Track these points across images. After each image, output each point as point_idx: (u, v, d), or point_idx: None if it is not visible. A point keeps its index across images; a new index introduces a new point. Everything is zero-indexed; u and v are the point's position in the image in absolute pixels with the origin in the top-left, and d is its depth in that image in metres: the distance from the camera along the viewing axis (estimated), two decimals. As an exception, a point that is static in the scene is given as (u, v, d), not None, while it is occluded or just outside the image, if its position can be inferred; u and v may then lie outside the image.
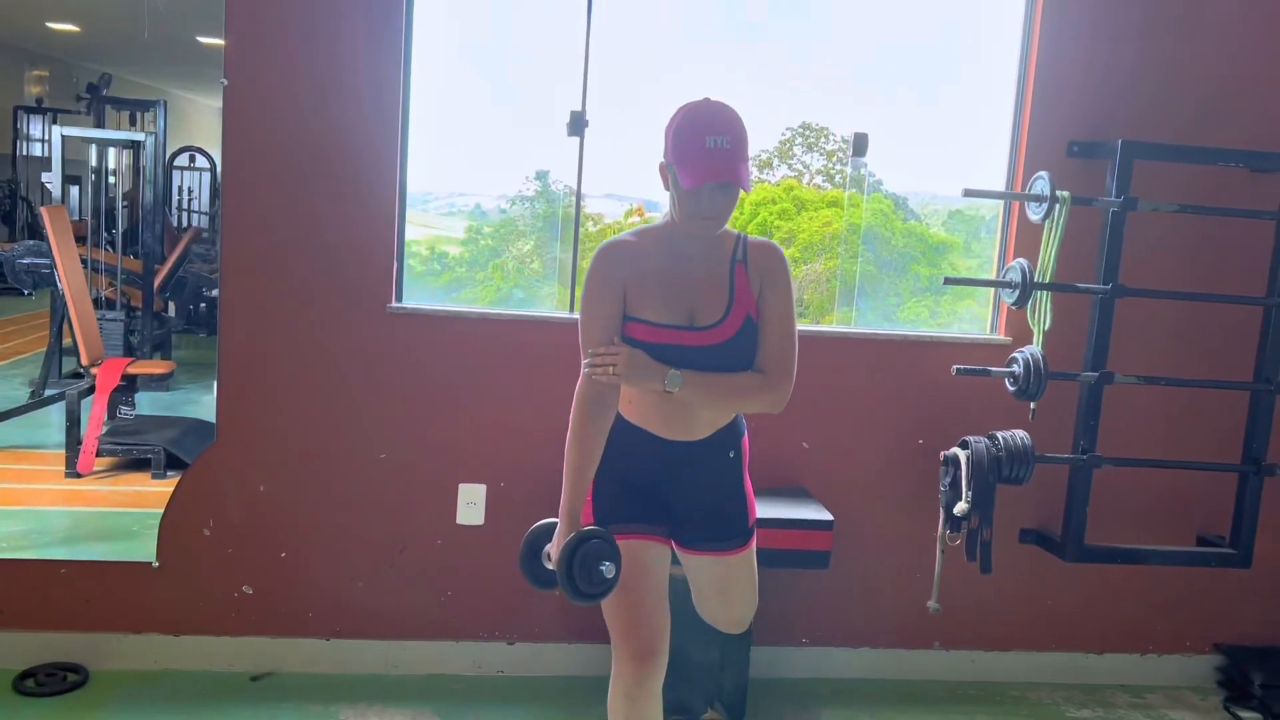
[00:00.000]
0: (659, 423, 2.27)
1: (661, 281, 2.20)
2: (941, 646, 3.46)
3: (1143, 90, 3.28)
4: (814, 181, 4.20)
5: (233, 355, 3.09)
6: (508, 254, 3.91)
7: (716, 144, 2.06)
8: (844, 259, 3.77)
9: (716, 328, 2.20)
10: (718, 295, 2.21)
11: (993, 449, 3.11)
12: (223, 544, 3.13)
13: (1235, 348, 3.33)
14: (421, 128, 3.15)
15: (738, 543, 2.42)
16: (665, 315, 2.19)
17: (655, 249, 2.22)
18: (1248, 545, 3.30)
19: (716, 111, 2.12)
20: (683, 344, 2.18)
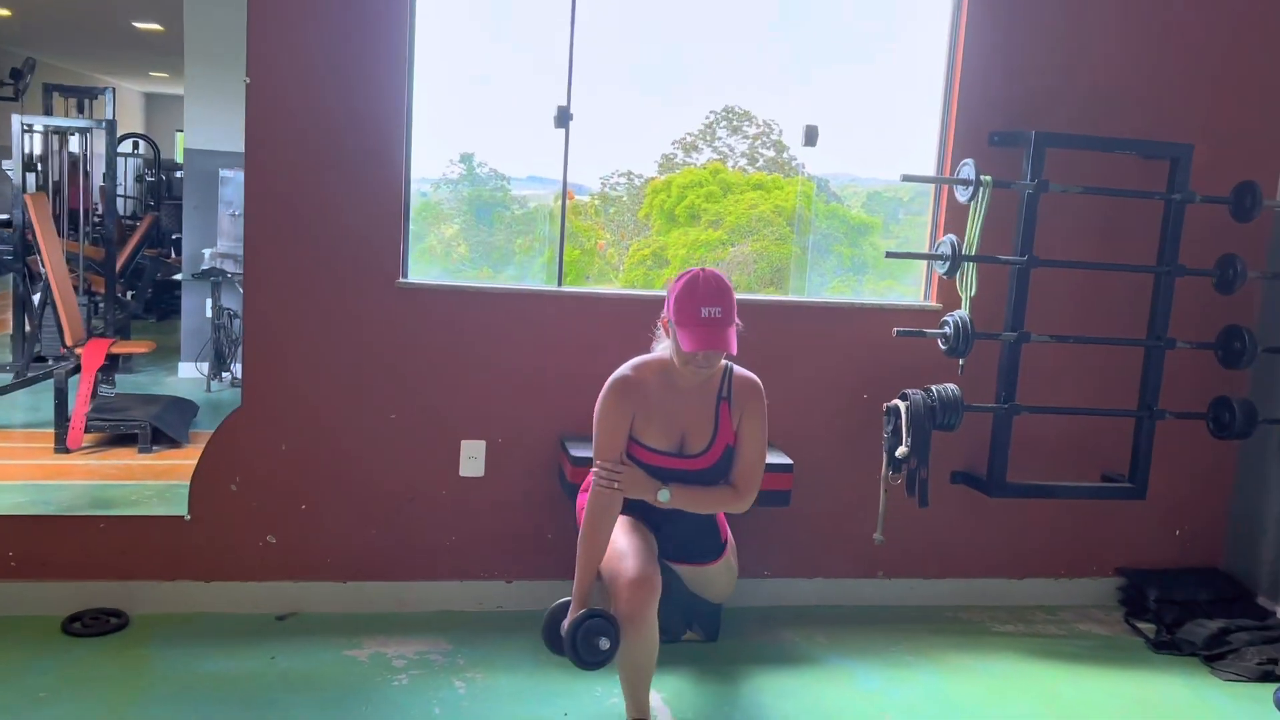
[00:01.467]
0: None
1: (660, 413, 2.78)
2: (885, 575, 3.94)
3: (1054, 87, 3.77)
4: (738, 164, 4.43)
5: (256, 327, 3.41)
6: (432, 237, 3.96)
7: (710, 314, 2.60)
8: (771, 241, 4.14)
9: (702, 456, 2.83)
10: (705, 427, 2.81)
11: (928, 400, 3.58)
12: (248, 498, 3.46)
13: (1132, 310, 3.85)
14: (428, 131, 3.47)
15: (712, 558, 3.09)
16: (661, 443, 2.80)
17: (657, 383, 2.79)
18: (1143, 480, 3.83)
19: (710, 284, 2.65)
20: (674, 467, 2.81)
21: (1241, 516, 4.10)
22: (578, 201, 4.19)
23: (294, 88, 3.31)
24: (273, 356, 3.43)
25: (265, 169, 3.34)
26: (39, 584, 3.35)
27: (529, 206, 3.98)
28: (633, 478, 2.77)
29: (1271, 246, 3.98)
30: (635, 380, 2.78)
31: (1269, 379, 3.96)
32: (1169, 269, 3.72)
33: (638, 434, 2.80)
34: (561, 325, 3.57)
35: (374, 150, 3.38)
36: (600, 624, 2.65)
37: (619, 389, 2.77)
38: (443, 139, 3.77)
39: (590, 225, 4.63)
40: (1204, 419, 3.86)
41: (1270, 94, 3.94)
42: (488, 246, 3.95)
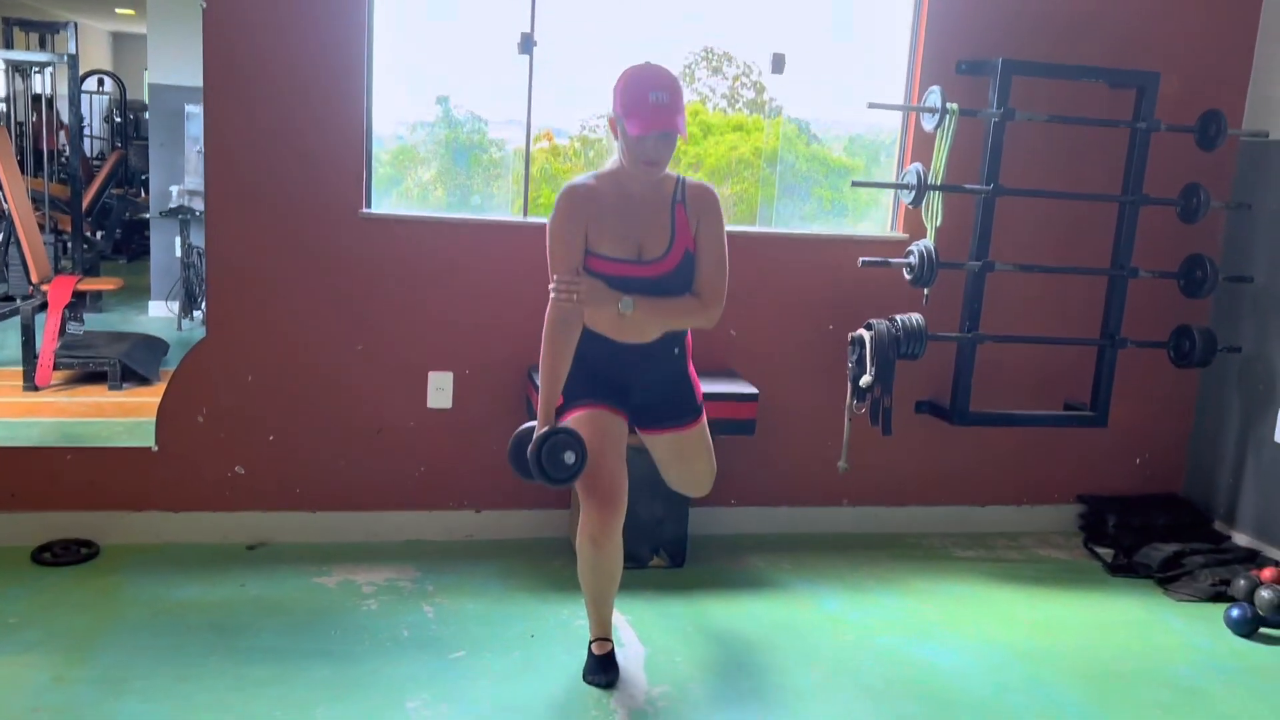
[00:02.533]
0: (615, 331, 2.71)
1: (615, 220, 2.63)
2: (849, 503, 4.00)
3: (1022, 13, 3.75)
4: (719, 105, 4.40)
5: (220, 258, 3.39)
6: (409, 181, 3.94)
7: (658, 99, 2.49)
8: (751, 183, 4.13)
9: (660, 261, 2.66)
10: (661, 233, 2.65)
11: (892, 329, 3.61)
12: (215, 430, 3.47)
13: (1096, 239, 3.88)
14: (390, 56, 3.42)
15: (689, 419, 2.89)
16: (618, 250, 2.63)
17: (609, 191, 2.64)
18: (1104, 408, 3.89)
19: (657, 72, 2.55)
20: (632, 275, 2.64)
21: (1201, 444, 4.17)
22: (558, 144, 4.17)
23: (252, 14, 3.26)
24: (237, 288, 3.41)
25: (224, 99, 3.30)
26: (7, 515, 3.36)
27: (507, 150, 3.92)
28: (592, 288, 2.61)
29: (1236, 176, 4.00)
30: (587, 188, 2.64)
31: (1230, 308, 4.01)
32: (1133, 199, 3.74)
33: (593, 244, 2.64)
34: (527, 256, 3.56)
35: (335, 79, 3.34)
36: (565, 439, 2.62)
37: (570, 197, 2.63)
38: (412, 77, 3.72)
39: (570, 168, 4.60)
40: (1165, 348, 3.91)
41: (1236, 23, 3.93)
42: (465, 190, 3.92)
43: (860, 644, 3.13)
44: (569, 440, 2.62)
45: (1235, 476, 3.99)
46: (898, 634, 3.22)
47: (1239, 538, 3.96)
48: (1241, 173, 3.99)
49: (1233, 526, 4.01)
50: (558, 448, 2.61)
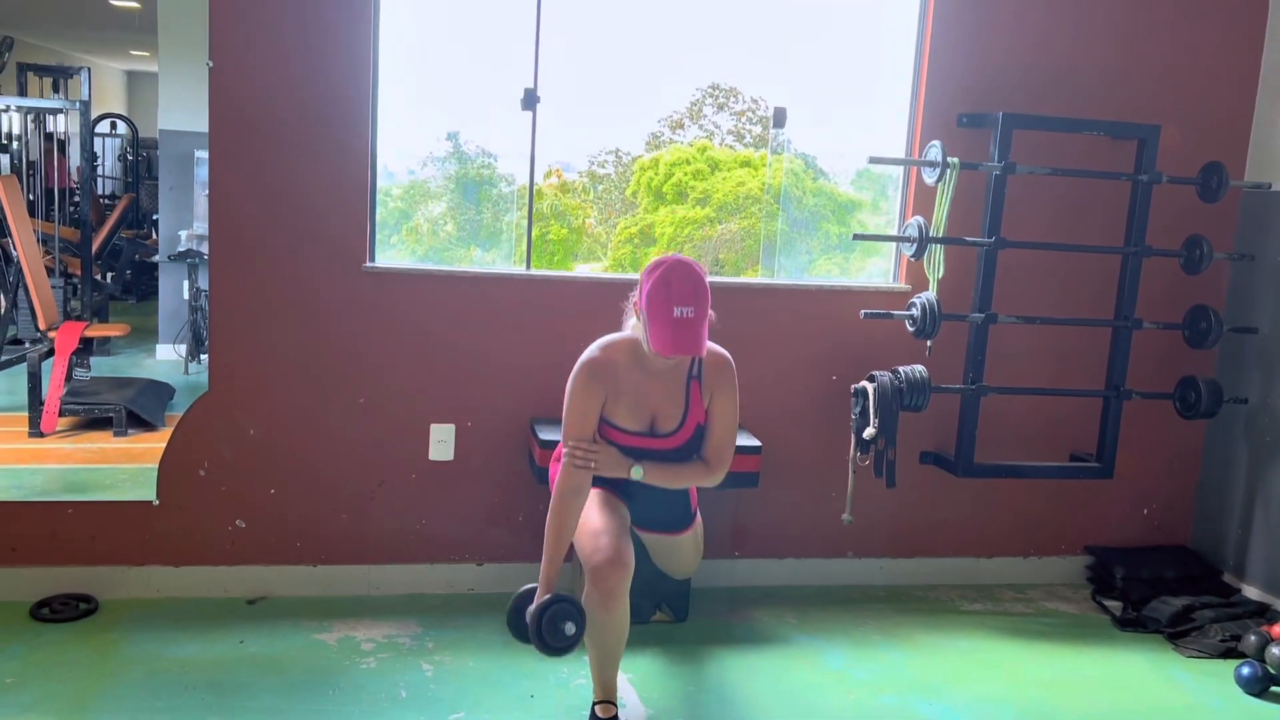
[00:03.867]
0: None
1: (630, 394, 2.74)
2: (854, 555, 3.96)
3: (1022, 68, 3.76)
4: (725, 141, 4.42)
5: (223, 312, 3.40)
6: (419, 217, 3.98)
7: (682, 314, 2.54)
8: (757, 218, 4.14)
9: (673, 435, 2.80)
10: (675, 408, 2.78)
11: (895, 381, 3.60)
12: (217, 483, 3.46)
13: (1100, 290, 3.87)
14: (395, 112, 3.46)
15: (683, 526, 3.05)
16: (631, 423, 2.76)
17: (626, 364, 2.74)
18: (1110, 460, 3.86)
19: (684, 282, 2.58)
20: (645, 446, 2.79)
21: (1209, 495, 4.13)
22: (567, 180, 4.20)
23: (258, 73, 3.29)
24: (240, 341, 3.42)
25: (230, 154, 3.33)
26: (7, 570, 3.35)
27: (516, 184, 3.95)
28: (607, 457, 2.74)
29: (1239, 227, 4.00)
30: (605, 361, 2.74)
31: (1235, 358, 3.99)
32: (1136, 250, 3.73)
33: (608, 415, 2.76)
34: (530, 308, 3.57)
35: (339, 135, 3.37)
36: (566, 609, 2.63)
37: (589, 371, 2.72)
38: (423, 113, 3.76)
39: (579, 204, 4.61)
40: (1171, 399, 3.89)
41: (1237, 75, 3.94)
42: (475, 224, 3.94)
43: (864, 703, 3.10)
44: (569, 610, 2.64)
45: (1244, 528, 3.95)
46: (902, 692, 3.18)
47: (1249, 591, 3.91)
48: (1244, 224, 3.98)
49: (1242, 579, 3.96)
50: (558, 617, 2.63)
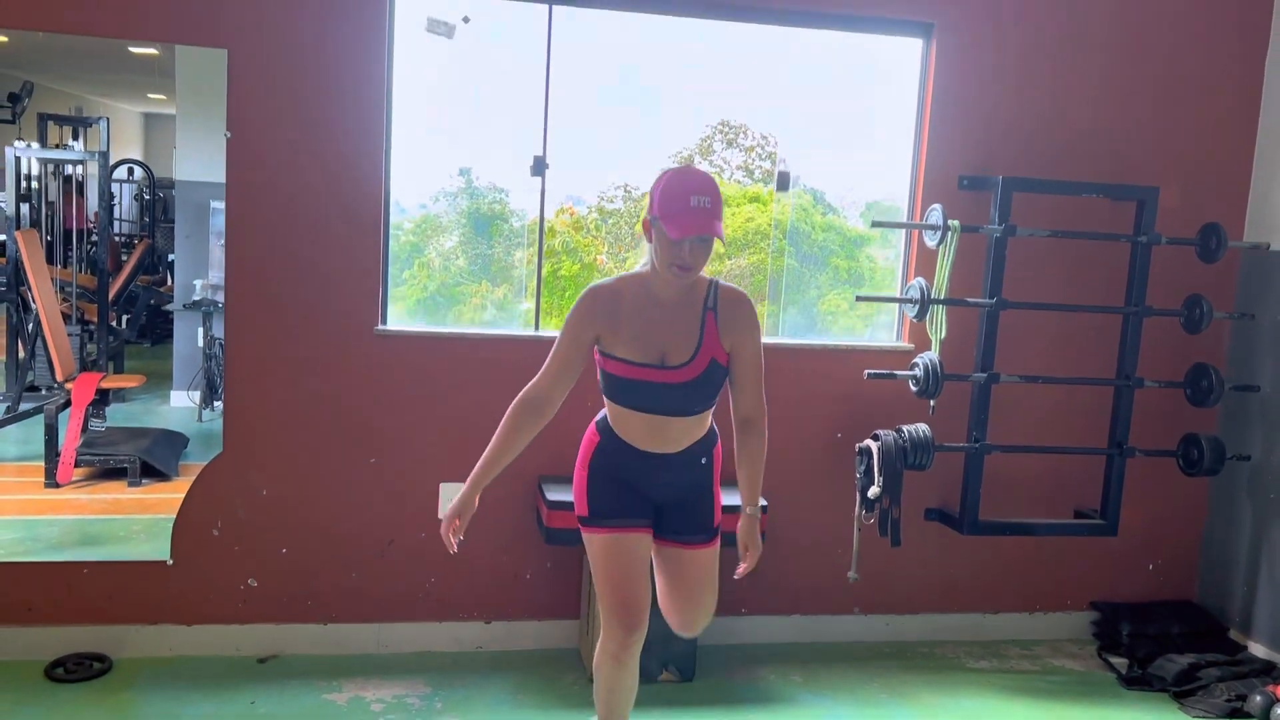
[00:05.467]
0: (644, 440, 2.58)
1: (638, 324, 2.49)
2: (860, 611, 3.99)
3: (1022, 131, 3.83)
4: (734, 177, 4.46)
5: (238, 373, 3.47)
6: (431, 251, 4.02)
7: (699, 203, 2.37)
8: (766, 254, 4.18)
9: (685, 367, 2.50)
10: (688, 339, 2.51)
11: (899, 440, 3.64)
12: (230, 542, 3.51)
13: (1102, 348, 3.91)
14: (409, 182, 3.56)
15: (702, 538, 2.72)
16: (639, 354, 2.49)
17: (635, 294, 2.51)
18: (1114, 516, 3.88)
19: (699, 176, 2.43)
20: (654, 380, 2.50)
21: (1214, 551, 4.15)
22: (579, 217, 4.26)
23: (275, 142, 3.38)
24: (254, 402, 3.49)
25: (246, 221, 3.41)
26: (23, 629, 3.41)
27: (528, 219, 3.97)
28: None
29: (1239, 286, 4.04)
30: (609, 289, 2.53)
31: (1237, 416, 4.02)
32: (1137, 310, 3.77)
33: (609, 347, 2.52)
34: (538, 368, 3.62)
35: (353, 203, 3.45)
36: None
37: (591, 297, 2.53)
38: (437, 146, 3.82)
39: (590, 240, 4.68)
40: (1174, 456, 3.92)
41: (1233, 136, 4.00)
42: (487, 259, 3.99)
43: (869, 766, 3.11)
44: None
45: (1249, 584, 3.97)
46: (908, 755, 3.19)
47: (1255, 648, 3.92)
48: (1244, 283, 4.03)
49: (1248, 636, 3.97)
50: None
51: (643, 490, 2.64)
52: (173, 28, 3.33)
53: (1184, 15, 3.90)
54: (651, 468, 2.61)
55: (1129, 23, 3.86)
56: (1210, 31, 3.93)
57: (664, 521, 2.69)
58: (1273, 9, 3.94)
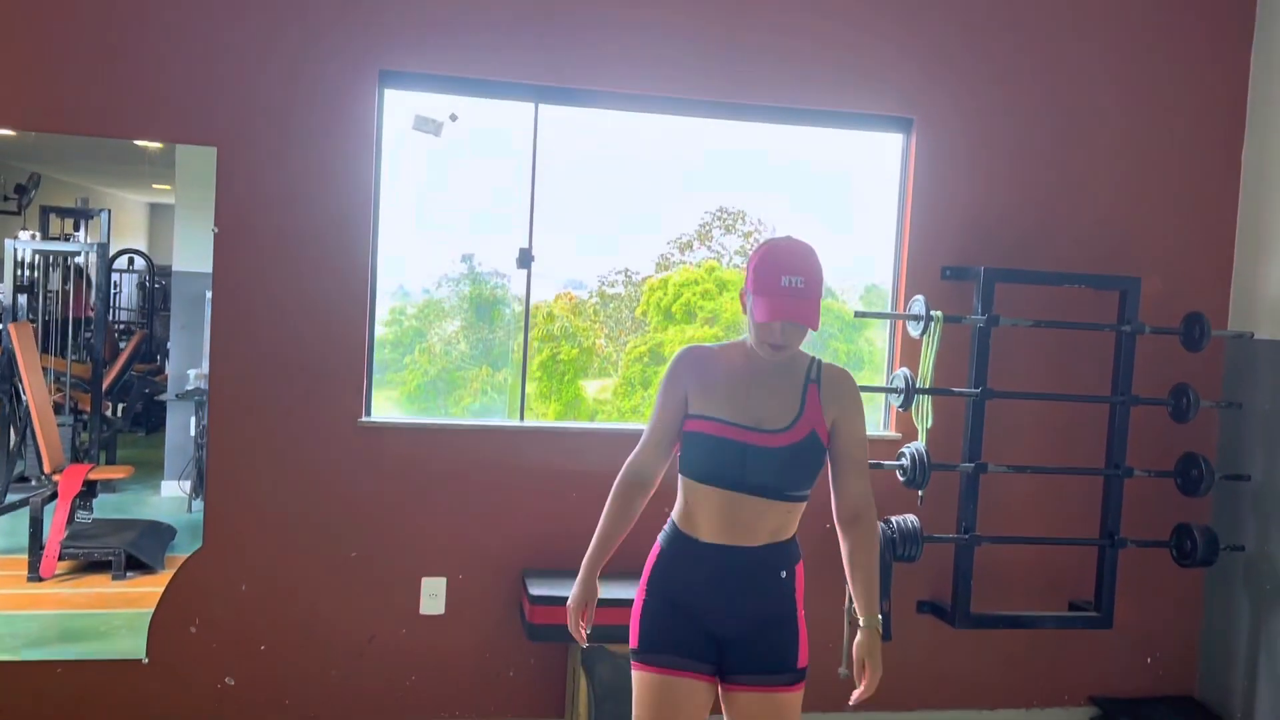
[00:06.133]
0: (718, 529, 2.22)
1: (733, 385, 2.24)
2: (851, 709, 3.88)
3: (1003, 222, 3.87)
4: (733, 262, 4.52)
5: (219, 466, 3.45)
6: (433, 336, 4.04)
7: (791, 284, 2.14)
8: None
9: (784, 433, 2.21)
10: (787, 406, 2.24)
11: (888, 532, 3.59)
12: (208, 640, 3.45)
13: (1092, 436, 3.89)
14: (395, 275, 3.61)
15: (788, 679, 2.28)
16: (732, 413, 2.21)
17: (731, 357, 2.29)
18: (1109, 608, 3.82)
19: (796, 252, 2.19)
20: (749, 441, 2.19)
21: (1213, 644, 4.07)
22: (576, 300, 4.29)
23: (261, 234, 3.42)
24: (235, 496, 3.46)
25: (231, 313, 3.44)
26: (-7, 731, 3.33)
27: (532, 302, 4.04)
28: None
29: (1225, 374, 4.04)
30: (703, 351, 2.32)
31: (1230, 505, 3.98)
32: (1124, 399, 3.77)
33: (699, 406, 2.24)
34: (523, 459, 3.61)
35: (338, 297, 3.47)
36: None
37: (684, 355, 2.31)
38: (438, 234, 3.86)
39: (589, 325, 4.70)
40: (1167, 547, 3.87)
41: (1213, 225, 4.04)
42: (488, 343, 4.01)
43: None
44: None
45: (1250, 678, 3.88)
46: None
47: (1259, 745, 3.82)
48: (1230, 371, 4.03)
49: (1252, 732, 3.87)
50: None
51: (709, 620, 2.25)
52: (162, 126, 3.40)
53: (1162, 107, 3.97)
54: (723, 574, 2.23)
55: (1108, 116, 3.93)
56: (1188, 123, 4.00)
57: (734, 658, 2.26)
58: (1247, 98, 4.02)
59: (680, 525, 2.27)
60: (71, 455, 6.58)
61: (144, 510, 6.64)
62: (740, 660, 2.25)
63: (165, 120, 3.37)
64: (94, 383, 7.11)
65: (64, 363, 7.29)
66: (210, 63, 3.36)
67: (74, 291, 7.97)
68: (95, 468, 5.86)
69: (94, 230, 9.72)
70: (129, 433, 9.41)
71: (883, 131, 3.89)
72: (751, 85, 3.70)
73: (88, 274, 8.30)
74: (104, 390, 7.40)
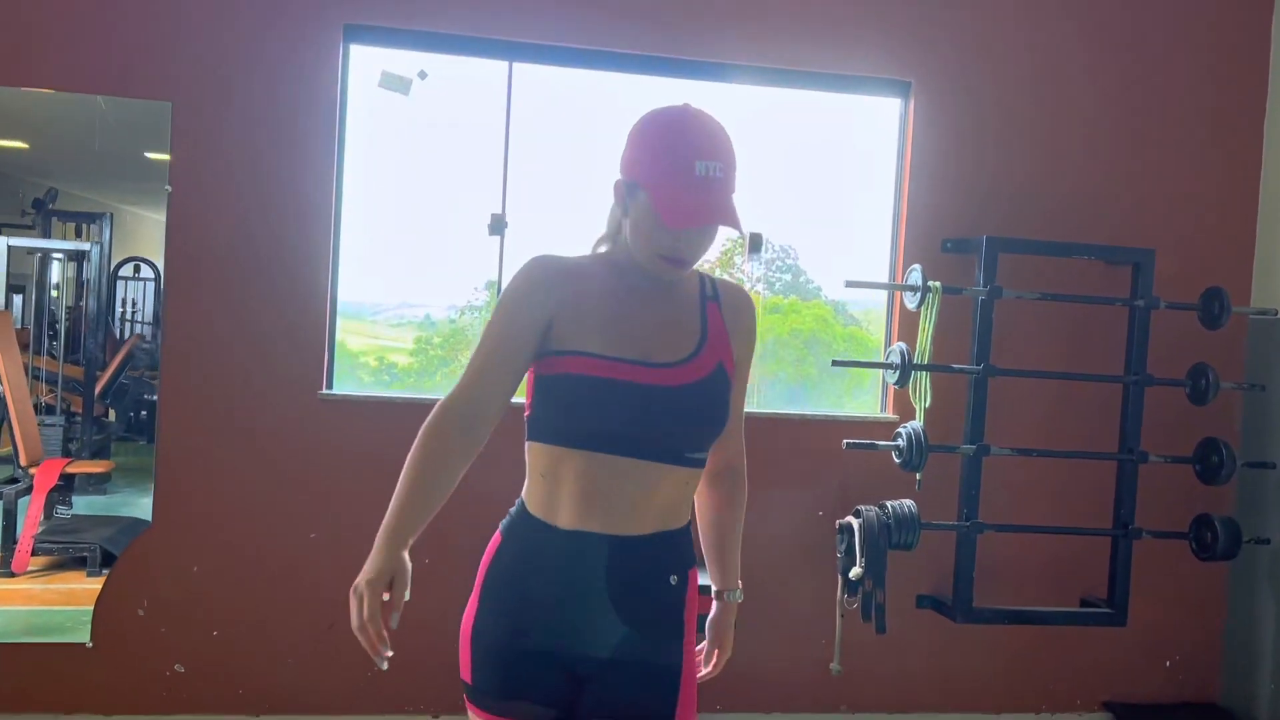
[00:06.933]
0: (590, 511, 1.60)
1: (610, 310, 1.62)
2: (848, 710, 3.64)
3: (1008, 192, 3.65)
4: (755, 288, 4.41)
5: (170, 442, 3.27)
6: (457, 363, 3.97)
7: (709, 172, 1.54)
8: (787, 364, 4.03)
9: (684, 365, 1.61)
10: (686, 333, 1.65)
11: (883, 517, 3.36)
12: (156, 624, 3.26)
13: (1103, 419, 3.65)
14: (362, 238, 3.44)
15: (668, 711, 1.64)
16: (614, 349, 1.59)
17: (598, 273, 1.65)
18: (1123, 604, 3.55)
19: (707, 128, 1.58)
20: (639, 381, 1.57)
21: (1236, 646, 3.79)
22: None
23: (217, 193, 3.26)
24: (186, 471, 3.28)
25: (183, 275, 3.26)
26: (-74, 717, 3.14)
27: None
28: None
29: (1247, 354, 3.79)
30: (571, 263, 1.65)
31: (1254, 495, 3.71)
32: (1137, 378, 3.52)
33: (573, 341, 1.59)
34: (497, 436, 3.39)
35: (300, 260, 3.30)
36: None
37: (541, 268, 1.63)
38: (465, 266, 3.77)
39: None
40: (1186, 538, 3.61)
41: (1235, 195, 3.81)
42: None
43: None
44: None
45: (1277, 683, 3.59)
46: None
47: (1288, 754, 3.53)
48: (1253, 351, 3.77)
49: (1280, 741, 3.58)
50: None
51: (563, 647, 1.62)
52: (116, 80, 3.23)
53: (1179, 68, 3.75)
54: (588, 578, 1.61)
55: (1120, 76, 3.71)
56: (1207, 85, 3.77)
57: (589, 701, 1.64)
58: (1270, 58, 3.79)
59: (531, 508, 1.67)
60: (64, 457, 6.43)
61: (132, 512, 6.47)
62: (604, 702, 1.62)
63: (119, 74, 3.21)
64: (86, 384, 6.98)
65: (55, 363, 7.18)
66: (166, 16, 3.21)
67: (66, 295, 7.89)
68: (73, 461, 5.71)
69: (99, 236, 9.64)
70: (128, 440, 9.29)
71: (879, 96, 3.68)
72: (742, 44, 3.51)
73: (87, 277, 8.23)
74: (97, 393, 7.28)
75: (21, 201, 11.97)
